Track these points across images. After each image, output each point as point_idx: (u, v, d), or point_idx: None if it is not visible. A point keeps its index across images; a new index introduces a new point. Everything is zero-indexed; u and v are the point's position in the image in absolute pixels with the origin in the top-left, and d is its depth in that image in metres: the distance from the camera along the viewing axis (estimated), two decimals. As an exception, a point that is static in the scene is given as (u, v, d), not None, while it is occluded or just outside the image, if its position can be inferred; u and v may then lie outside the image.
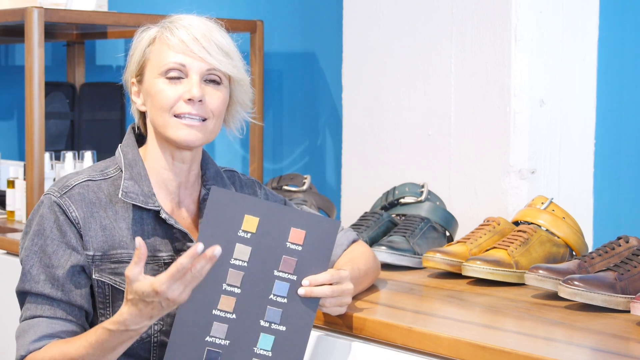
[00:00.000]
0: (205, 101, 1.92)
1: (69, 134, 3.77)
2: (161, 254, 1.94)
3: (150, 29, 1.98)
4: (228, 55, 1.95)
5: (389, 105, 2.93)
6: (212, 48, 1.92)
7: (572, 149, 2.69)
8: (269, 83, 3.61)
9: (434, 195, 2.65)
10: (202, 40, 1.92)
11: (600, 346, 1.75)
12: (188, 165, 1.99)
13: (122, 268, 1.90)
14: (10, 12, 3.02)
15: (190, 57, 1.92)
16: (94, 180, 1.94)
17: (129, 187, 1.92)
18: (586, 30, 2.69)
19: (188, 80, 1.92)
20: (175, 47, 1.92)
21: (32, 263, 1.90)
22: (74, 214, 1.89)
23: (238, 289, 1.84)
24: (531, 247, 2.27)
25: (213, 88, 1.94)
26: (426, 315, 1.98)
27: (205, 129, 1.94)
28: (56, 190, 1.92)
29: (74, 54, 3.99)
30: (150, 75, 1.94)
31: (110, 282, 1.90)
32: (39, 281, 1.89)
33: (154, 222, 1.94)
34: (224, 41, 1.96)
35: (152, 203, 1.93)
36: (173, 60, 1.92)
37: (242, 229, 1.85)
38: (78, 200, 1.90)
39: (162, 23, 1.97)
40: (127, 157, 1.97)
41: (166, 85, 1.92)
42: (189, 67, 1.92)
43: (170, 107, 1.92)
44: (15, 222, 3.13)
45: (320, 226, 1.86)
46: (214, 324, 1.83)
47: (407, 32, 2.86)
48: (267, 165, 3.63)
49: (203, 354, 1.83)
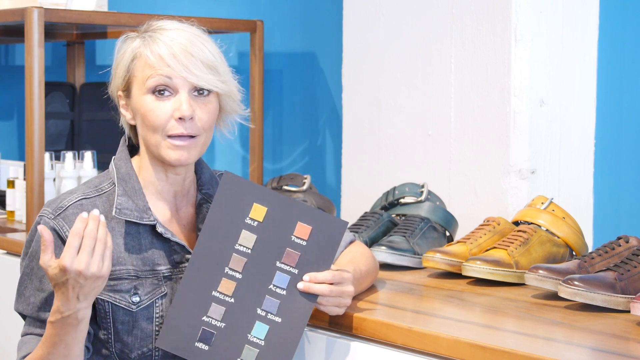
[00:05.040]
0: (195, 118, 1.88)
1: (69, 134, 3.77)
2: (160, 267, 1.92)
3: (132, 41, 1.92)
4: (212, 69, 1.89)
5: (388, 105, 2.92)
6: (195, 64, 1.87)
7: (572, 149, 2.69)
8: (269, 83, 3.61)
9: (434, 195, 2.65)
10: (182, 56, 1.86)
11: (600, 346, 1.75)
12: (182, 175, 1.98)
13: (121, 285, 1.89)
14: (10, 12, 3.02)
15: (173, 75, 1.87)
16: (88, 197, 1.92)
17: (122, 204, 1.90)
18: (586, 30, 2.69)
19: (177, 97, 1.88)
20: (156, 65, 1.87)
21: (25, 285, 1.91)
22: (67, 234, 1.86)
23: (239, 274, 1.87)
24: (531, 247, 2.27)
25: (202, 101, 1.90)
26: (426, 315, 1.98)
27: (197, 145, 1.91)
28: (50, 211, 1.89)
29: (74, 54, 3.99)
30: (138, 91, 1.90)
31: (109, 300, 1.89)
32: (29, 303, 1.90)
33: (151, 236, 1.93)
34: (208, 54, 1.89)
35: (147, 218, 1.91)
36: (156, 79, 1.87)
37: (250, 216, 1.87)
38: (72, 221, 1.87)
39: (143, 35, 1.91)
40: (121, 171, 1.95)
41: (155, 103, 1.88)
42: (175, 83, 1.87)
43: (162, 126, 1.88)
44: (15, 222, 3.13)
45: (327, 224, 1.88)
46: (212, 305, 1.86)
47: (407, 32, 2.86)
48: (267, 165, 3.63)
49: (198, 333, 1.86)
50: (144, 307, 1.90)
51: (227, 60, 1.98)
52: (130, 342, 1.90)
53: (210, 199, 2.00)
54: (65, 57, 4.05)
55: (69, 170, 3.06)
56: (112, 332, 1.89)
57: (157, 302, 1.91)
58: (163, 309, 1.91)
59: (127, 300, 1.89)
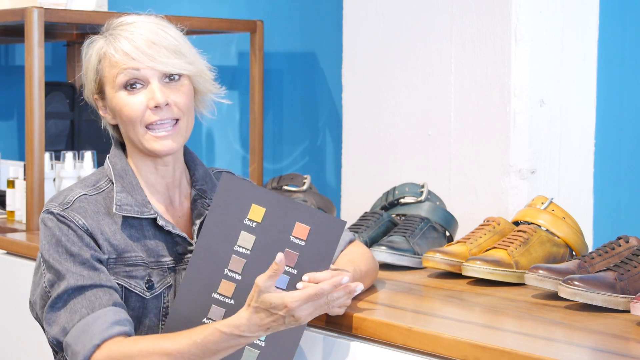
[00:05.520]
0: (171, 103, 1.91)
1: (69, 134, 3.77)
2: (164, 259, 1.94)
3: (95, 43, 1.94)
4: (177, 53, 1.91)
5: (388, 105, 2.92)
6: (159, 52, 1.89)
7: (572, 149, 2.69)
8: (269, 83, 3.61)
9: (434, 195, 2.65)
10: (145, 48, 1.88)
11: (600, 346, 1.75)
12: (171, 165, 1.99)
13: (136, 271, 1.90)
14: (10, 12, 3.02)
15: (140, 67, 1.89)
16: (90, 195, 1.94)
17: (122, 200, 1.92)
18: (586, 30, 2.69)
19: (149, 87, 1.90)
20: (121, 61, 1.89)
21: (66, 268, 1.85)
22: (81, 222, 1.88)
23: (239, 276, 1.87)
24: (531, 247, 2.27)
25: (175, 86, 1.92)
26: (426, 315, 1.98)
27: (179, 131, 1.93)
28: (57, 205, 1.90)
29: (74, 54, 3.99)
30: (110, 90, 1.92)
31: (125, 285, 1.90)
32: (83, 275, 1.84)
33: (154, 229, 1.95)
34: (171, 39, 1.91)
35: (148, 211, 1.93)
36: (125, 74, 1.89)
37: (248, 217, 1.88)
38: (81, 212, 1.89)
39: (105, 35, 1.94)
40: (117, 167, 1.97)
41: (128, 98, 1.90)
42: (144, 74, 1.89)
43: (139, 118, 1.90)
44: (15, 222, 3.13)
45: (325, 224, 1.88)
46: (212, 307, 1.86)
47: (407, 32, 2.86)
48: (267, 165, 3.63)
49: None
50: (155, 296, 1.91)
51: (227, 60, 1.99)
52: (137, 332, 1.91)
53: (204, 194, 2.02)
54: (65, 57, 4.05)
55: (69, 170, 3.06)
56: None
57: (164, 293, 1.93)
58: (169, 299, 1.93)
59: (142, 287, 1.90)
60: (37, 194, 2.88)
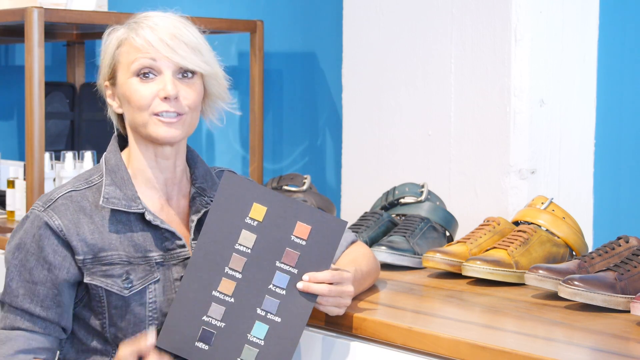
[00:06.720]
0: (180, 97, 1.93)
1: (69, 134, 3.77)
2: (152, 254, 1.94)
3: (117, 31, 1.98)
4: (196, 51, 1.94)
5: (388, 105, 2.92)
6: (179, 46, 1.92)
7: (572, 149, 2.69)
8: (269, 83, 3.61)
9: (434, 195, 2.65)
10: (167, 39, 1.92)
11: (600, 346, 1.75)
12: (172, 160, 2.00)
13: (113, 270, 1.91)
14: (10, 12, 3.02)
15: (158, 57, 1.92)
16: (77, 190, 1.95)
17: (110, 193, 1.93)
18: (586, 30, 2.69)
19: (161, 78, 1.92)
20: (142, 48, 1.92)
21: (11, 276, 1.91)
22: (57, 222, 1.90)
23: (239, 274, 1.87)
24: (531, 247, 2.27)
25: (187, 83, 1.95)
26: (426, 315, 1.98)
27: (183, 123, 1.95)
28: (40, 204, 1.93)
29: (74, 54, 3.99)
30: (123, 76, 1.94)
31: (102, 285, 1.91)
32: (17, 295, 1.90)
33: (142, 224, 1.95)
34: (192, 37, 1.95)
35: (136, 206, 1.94)
36: (141, 61, 1.92)
37: (250, 216, 1.88)
38: (62, 211, 1.91)
39: (128, 24, 1.97)
40: (110, 163, 1.98)
41: (140, 85, 1.93)
42: (159, 65, 1.92)
43: (148, 105, 1.92)
44: (15, 222, 3.13)
45: (326, 224, 1.88)
46: (212, 305, 1.87)
47: (407, 32, 2.86)
48: (267, 165, 3.63)
49: (198, 332, 1.86)
50: (136, 292, 1.92)
51: (227, 60, 2.00)
52: (124, 327, 1.92)
53: (204, 193, 2.02)
54: (65, 57, 4.05)
55: (69, 170, 3.06)
56: (106, 316, 1.91)
57: (149, 288, 1.93)
58: (156, 294, 1.93)
59: (119, 285, 1.91)
60: (37, 194, 2.88)
